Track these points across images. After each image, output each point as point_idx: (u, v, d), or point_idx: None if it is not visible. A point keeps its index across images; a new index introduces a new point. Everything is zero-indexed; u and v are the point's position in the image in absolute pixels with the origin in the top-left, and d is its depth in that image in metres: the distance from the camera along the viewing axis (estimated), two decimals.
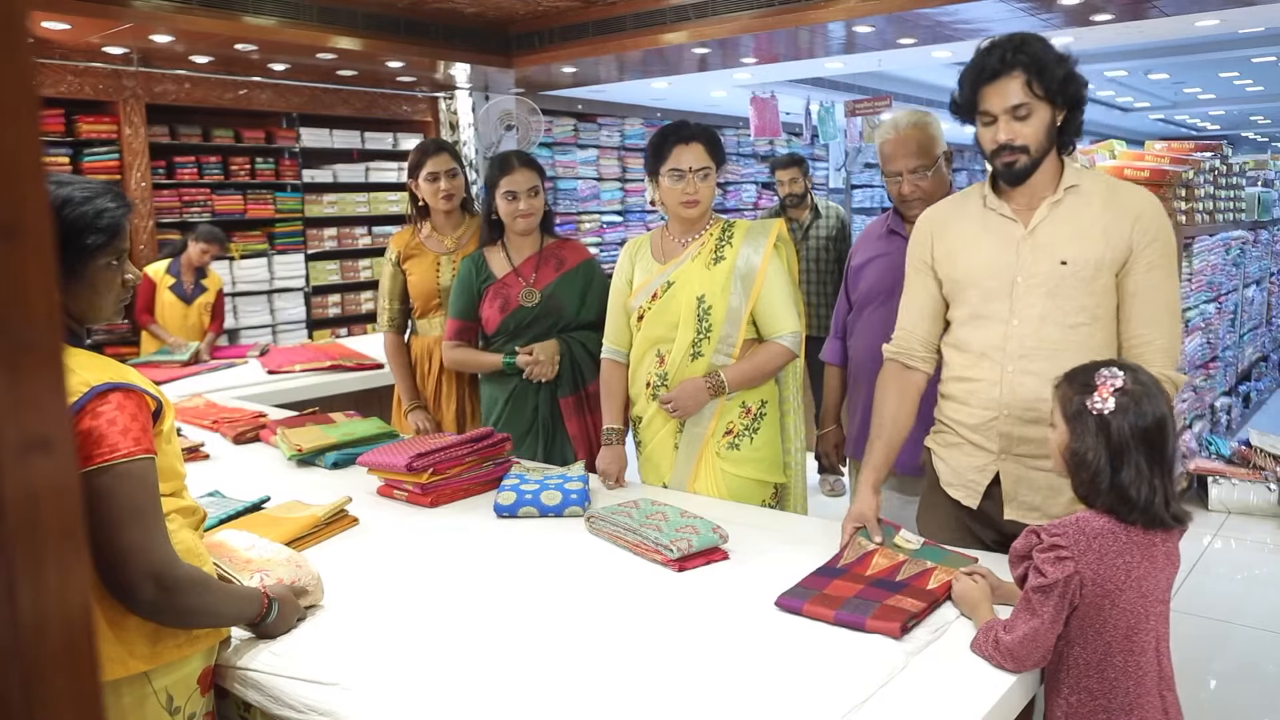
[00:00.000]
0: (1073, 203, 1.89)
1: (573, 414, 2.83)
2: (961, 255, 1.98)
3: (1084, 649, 1.47)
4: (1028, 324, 1.88)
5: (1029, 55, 1.80)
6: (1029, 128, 1.83)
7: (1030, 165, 1.86)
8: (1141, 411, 1.46)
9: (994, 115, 1.85)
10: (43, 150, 0.48)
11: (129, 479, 1.32)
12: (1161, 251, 1.85)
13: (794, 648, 1.53)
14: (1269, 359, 7.16)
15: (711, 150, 2.41)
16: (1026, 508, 1.93)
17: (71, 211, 1.37)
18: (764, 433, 2.45)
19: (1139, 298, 1.85)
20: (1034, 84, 1.81)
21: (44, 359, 0.47)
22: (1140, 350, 1.85)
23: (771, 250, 2.41)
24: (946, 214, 2.05)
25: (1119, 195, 1.89)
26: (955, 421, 2.02)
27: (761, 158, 11.44)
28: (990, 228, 1.95)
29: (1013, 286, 1.90)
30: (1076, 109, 1.87)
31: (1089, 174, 1.93)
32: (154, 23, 4.97)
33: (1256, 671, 3.16)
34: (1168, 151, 4.70)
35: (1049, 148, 1.87)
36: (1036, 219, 1.89)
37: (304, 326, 7.33)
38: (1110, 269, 1.85)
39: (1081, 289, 1.85)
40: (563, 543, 2.05)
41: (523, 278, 2.85)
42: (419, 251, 3.23)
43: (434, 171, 3.14)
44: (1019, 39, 1.83)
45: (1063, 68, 1.82)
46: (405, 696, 1.42)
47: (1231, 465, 4.84)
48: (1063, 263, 1.85)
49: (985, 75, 1.84)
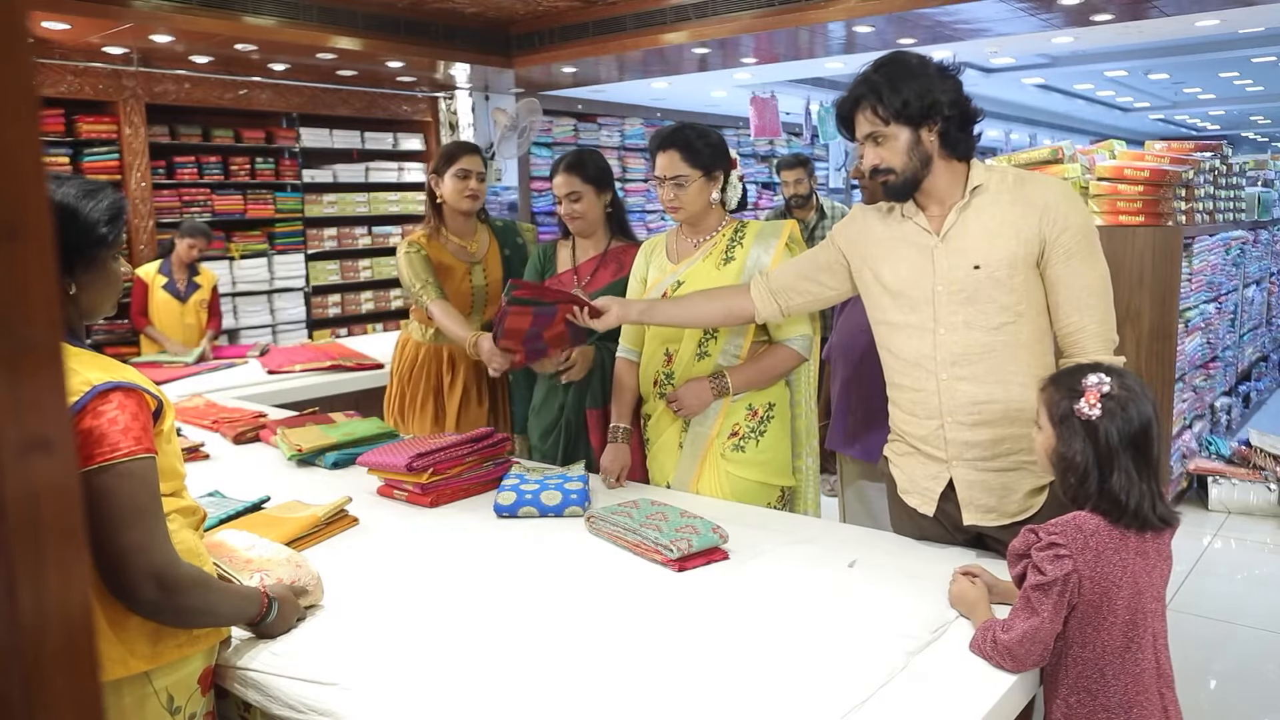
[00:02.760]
0: (980, 204, 1.89)
1: (595, 428, 2.77)
2: (883, 265, 1.99)
3: (1082, 649, 1.47)
4: (954, 331, 1.90)
5: (870, 84, 1.86)
6: (887, 150, 1.87)
7: (903, 183, 1.89)
8: (1128, 416, 1.47)
9: (861, 142, 1.92)
10: (43, 150, 0.48)
11: (130, 478, 1.32)
12: (1076, 237, 1.84)
13: (794, 648, 1.53)
14: (1269, 359, 7.16)
15: (688, 156, 2.36)
16: (983, 510, 1.94)
17: (87, 207, 1.40)
18: (771, 435, 2.44)
19: (1062, 285, 1.85)
20: (878, 109, 1.85)
21: (44, 359, 0.47)
22: (1075, 337, 1.86)
23: (783, 251, 2.39)
24: (871, 215, 2.06)
25: (1024, 189, 1.88)
26: (905, 432, 2.04)
27: (761, 158, 11.43)
28: (906, 238, 1.96)
29: (933, 295, 1.91)
30: (951, 119, 1.86)
31: (997, 172, 1.93)
32: (154, 23, 4.97)
33: (1256, 671, 3.16)
34: (1168, 151, 4.69)
35: (920, 165, 1.88)
36: (946, 226, 1.91)
37: (304, 326, 7.33)
38: (1026, 264, 1.85)
39: (999, 290, 1.86)
40: (563, 543, 2.05)
41: (579, 277, 2.84)
42: (444, 258, 3.12)
43: (466, 169, 3.06)
44: (875, 64, 1.89)
45: (913, 85, 1.83)
46: (405, 696, 1.42)
47: (1231, 465, 4.84)
48: (976, 267, 1.86)
49: (844, 107, 1.93)
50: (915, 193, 1.92)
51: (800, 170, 5.00)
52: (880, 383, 2.27)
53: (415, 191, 8.00)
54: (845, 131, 1.98)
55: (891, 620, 1.61)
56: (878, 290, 2.01)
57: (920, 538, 2.05)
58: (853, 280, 2.09)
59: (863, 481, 2.75)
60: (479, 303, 3.19)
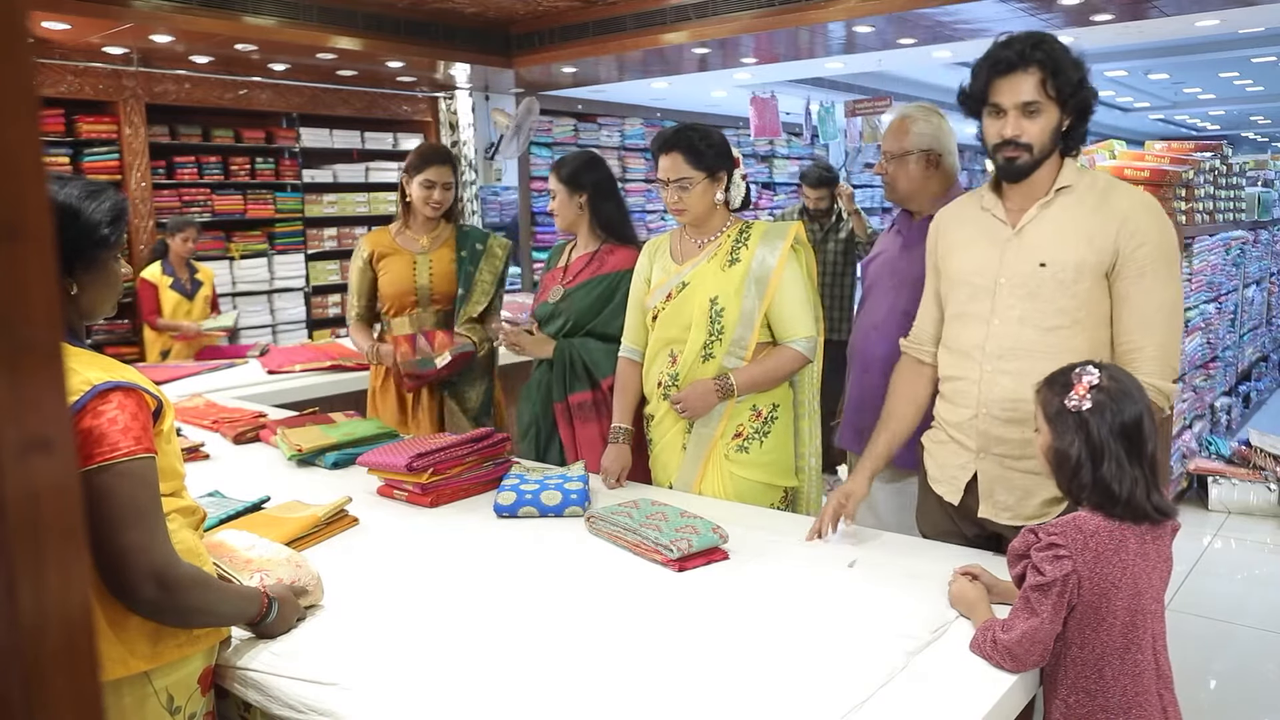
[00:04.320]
0: (1063, 203, 1.87)
1: (562, 421, 2.85)
2: (955, 255, 2.00)
3: (1081, 649, 1.47)
4: (1007, 324, 1.89)
5: (1046, 54, 1.78)
6: (1036, 126, 1.81)
7: (1030, 164, 1.85)
8: (1119, 408, 1.48)
9: (1004, 109, 1.83)
10: (43, 150, 0.48)
11: (130, 478, 1.32)
12: (1153, 255, 1.81)
13: (794, 648, 1.53)
14: (1269, 359, 7.16)
15: (691, 158, 2.36)
16: (1000, 507, 1.94)
17: (89, 208, 1.40)
18: (775, 436, 2.44)
19: (1129, 302, 1.82)
20: (1048, 83, 1.79)
21: (44, 359, 0.47)
22: (1131, 357, 1.83)
23: (788, 253, 2.38)
24: (952, 213, 2.07)
25: (1111, 197, 1.85)
26: (943, 420, 2.04)
27: (761, 158, 11.44)
28: (983, 229, 1.95)
29: (995, 287, 1.90)
30: (1083, 117, 1.86)
31: (1088, 174, 1.91)
32: (154, 23, 4.97)
33: (1256, 671, 3.16)
34: (1168, 151, 4.69)
35: (1051, 150, 1.86)
36: (1024, 220, 1.89)
37: (304, 326, 7.34)
38: (1094, 272, 1.83)
39: (1061, 292, 1.84)
40: (563, 543, 2.05)
41: (567, 273, 2.91)
42: (393, 250, 3.23)
43: (430, 180, 3.13)
44: (1038, 36, 1.81)
45: (1078, 73, 1.80)
46: (405, 696, 1.42)
47: (1231, 465, 4.84)
48: (1042, 264, 1.84)
49: (1000, 67, 1.82)
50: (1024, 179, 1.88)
51: (824, 190, 5.04)
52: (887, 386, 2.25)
53: None
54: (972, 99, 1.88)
55: (891, 620, 1.61)
56: (947, 284, 2.01)
57: (943, 532, 2.05)
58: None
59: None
60: (423, 298, 3.21)
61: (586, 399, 2.81)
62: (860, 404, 2.69)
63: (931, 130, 2.54)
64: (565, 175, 2.88)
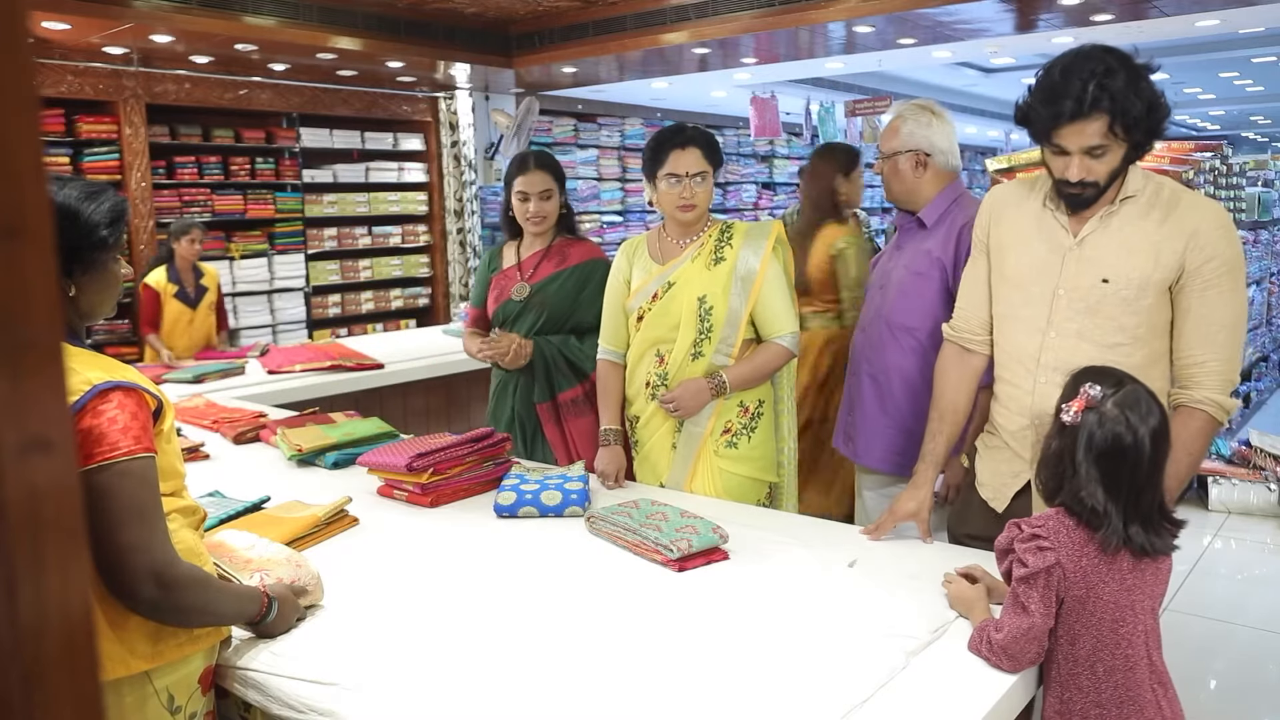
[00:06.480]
0: (1128, 214, 1.79)
1: (549, 420, 2.83)
2: (1011, 252, 1.91)
3: (1072, 644, 1.48)
4: (1064, 338, 1.83)
5: (1112, 95, 1.67)
6: (1103, 165, 1.74)
7: (1096, 196, 1.78)
8: (1104, 434, 1.46)
9: (1068, 151, 1.74)
10: (43, 150, 0.48)
11: (130, 477, 1.32)
12: (1220, 270, 1.74)
13: (794, 647, 1.53)
14: (1269, 359, 7.16)
15: (708, 154, 2.40)
16: None
17: (88, 209, 1.40)
18: (760, 432, 2.46)
19: (1192, 316, 1.77)
20: (1115, 125, 1.69)
21: (44, 359, 0.47)
22: (1192, 370, 1.78)
23: (770, 253, 2.41)
24: (1008, 199, 1.96)
25: (1178, 209, 1.77)
26: (999, 425, 1.99)
27: (761, 158, 11.44)
28: (1043, 230, 1.87)
29: (1053, 297, 1.84)
30: (1153, 135, 1.75)
31: (1153, 183, 1.82)
32: (154, 23, 4.97)
33: (1256, 671, 3.16)
34: (1168, 151, 4.69)
35: (1120, 175, 1.78)
36: (1086, 230, 1.81)
37: (304, 326, 7.34)
38: (1159, 288, 1.77)
39: (1123, 309, 1.78)
40: (563, 543, 2.05)
41: (522, 271, 2.88)
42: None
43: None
44: (1099, 68, 1.68)
45: (1144, 100, 1.69)
46: (405, 696, 1.42)
47: (1231, 465, 4.84)
48: (1104, 280, 1.78)
49: (1065, 116, 1.71)
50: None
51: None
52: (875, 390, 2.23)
53: (415, 191, 8.01)
54: (1036, 136, 1.77)
55: (891, 620, 1.61)
56: (999, 279, 1.94)
57: (985, 537, 1.96)
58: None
59: (862, 478, 2.75)
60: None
61: (577, 394, 2.83)
62: (849, 406, 2.70)
63: (921, 130, 2.50)
64: (557, 172, 2.86)
